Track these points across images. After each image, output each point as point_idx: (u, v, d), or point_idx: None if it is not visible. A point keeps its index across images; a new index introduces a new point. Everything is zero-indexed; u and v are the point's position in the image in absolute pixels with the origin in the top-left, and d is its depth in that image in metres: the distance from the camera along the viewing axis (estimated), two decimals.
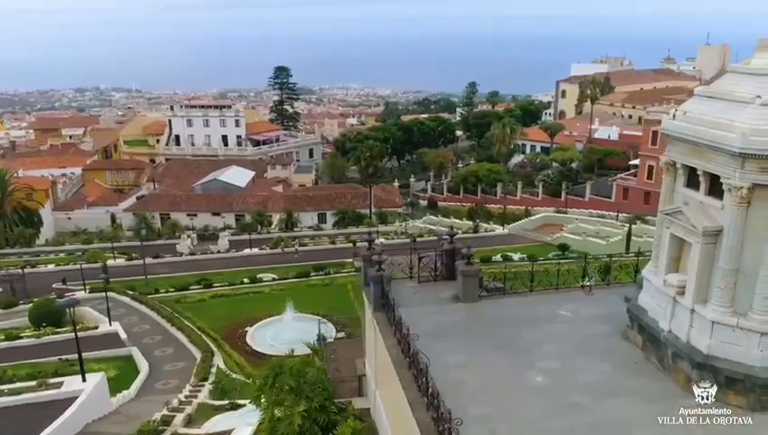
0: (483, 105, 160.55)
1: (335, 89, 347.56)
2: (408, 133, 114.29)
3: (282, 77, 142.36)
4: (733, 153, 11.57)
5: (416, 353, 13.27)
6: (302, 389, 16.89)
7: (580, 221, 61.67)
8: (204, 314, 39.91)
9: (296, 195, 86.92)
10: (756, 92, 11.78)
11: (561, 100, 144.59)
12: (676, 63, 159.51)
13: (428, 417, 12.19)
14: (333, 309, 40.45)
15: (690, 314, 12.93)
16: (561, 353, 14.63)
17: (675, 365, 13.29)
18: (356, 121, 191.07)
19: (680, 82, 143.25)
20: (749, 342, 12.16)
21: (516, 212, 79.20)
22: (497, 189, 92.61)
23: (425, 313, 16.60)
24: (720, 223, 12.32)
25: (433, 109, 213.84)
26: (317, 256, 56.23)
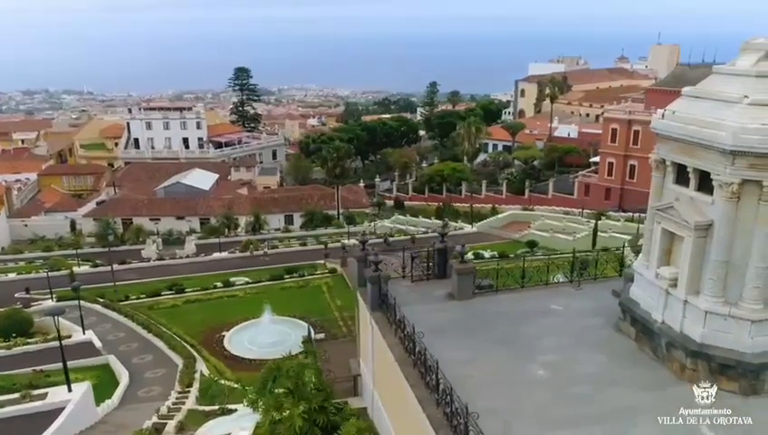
0: (443, 105, 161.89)
1: (294, 90, 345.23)
2: (372, 134, 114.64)
3: (242, 78, 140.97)
4: (723, 151, 12.18)
5: (422, 351, 13.53)
6: (300, 390, 16.95)
7: (546, 218, 62.90)
8: (178, 319, 39.34)
9: (262, 197, 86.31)
10: (743, 92, 12.43)
11: (520, 99, 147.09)
12: (630, 63, 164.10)
13: (440, 413, 12.46)
14: (310, 311, 40.44)
15: (683, 304, 13.52)
16: (559, 346, 15.10)
17: (669, 354, 13.88)
18: (317, 122, 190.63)
19: (634, 80, 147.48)
20: (740, 330, 12.81)
21: (482, 211, 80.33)
22: (462, 188, 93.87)
23: (421, 311, 16.81)
24: (710, 217, 12.93)
25: (393, 109, 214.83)
26: (287, 259, 56.00)
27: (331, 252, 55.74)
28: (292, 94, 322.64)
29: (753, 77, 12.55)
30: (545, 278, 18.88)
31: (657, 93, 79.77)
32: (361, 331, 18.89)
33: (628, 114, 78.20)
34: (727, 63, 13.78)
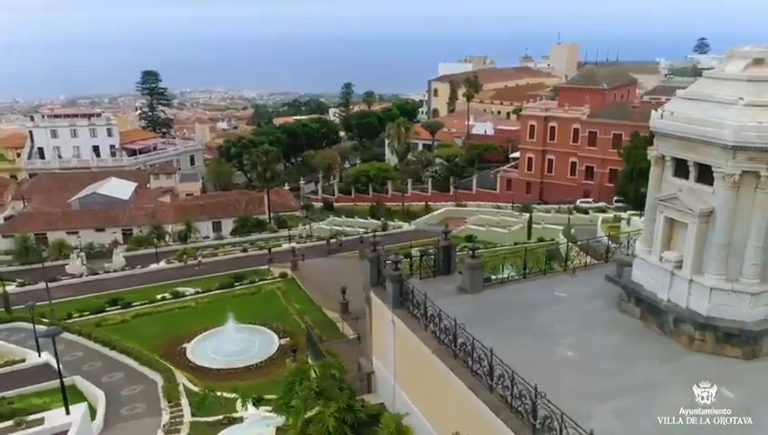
0: (358, 105, 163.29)
1: (197, 92, 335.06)
2: (293, 136, 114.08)
3: (150, 81, 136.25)
4: (725, 146, 13.93)
5: (468, 342, 14.44)
6: (328, 391, 17.41)
7: (481, 213, 65.43)
8: (131, 334, 37.95)
9: (187, 204, 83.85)
10: (738, 95, 14.23)
11: (433, 98, 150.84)
12: (534, 61, 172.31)
13: (495, 397, 13.44)
14: (269, 317, 40.20)
15: (688, 283, 15.24)
16: (574, 329, 16.48)
17: (677, 329, 15.58)
18: (227, 126, 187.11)
19: (539, 78, 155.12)
20: (741, 302, 14.66)
21: (412, 208, 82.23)
22: (388, 187, 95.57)
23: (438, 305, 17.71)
24: (712, 205, 14.70)
25: (304, 110, 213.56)
26: (229, 266, 55.09)
27: (275, 256, 55.46)
28: (196, 97, 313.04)
29: (744, 81, 14.39)
30: (543, 267, 20.23)
31: (569, 91, 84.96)
32: (376, 329, 19.49)
33: (545, 111, 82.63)
34: (715, 69, 15.65)
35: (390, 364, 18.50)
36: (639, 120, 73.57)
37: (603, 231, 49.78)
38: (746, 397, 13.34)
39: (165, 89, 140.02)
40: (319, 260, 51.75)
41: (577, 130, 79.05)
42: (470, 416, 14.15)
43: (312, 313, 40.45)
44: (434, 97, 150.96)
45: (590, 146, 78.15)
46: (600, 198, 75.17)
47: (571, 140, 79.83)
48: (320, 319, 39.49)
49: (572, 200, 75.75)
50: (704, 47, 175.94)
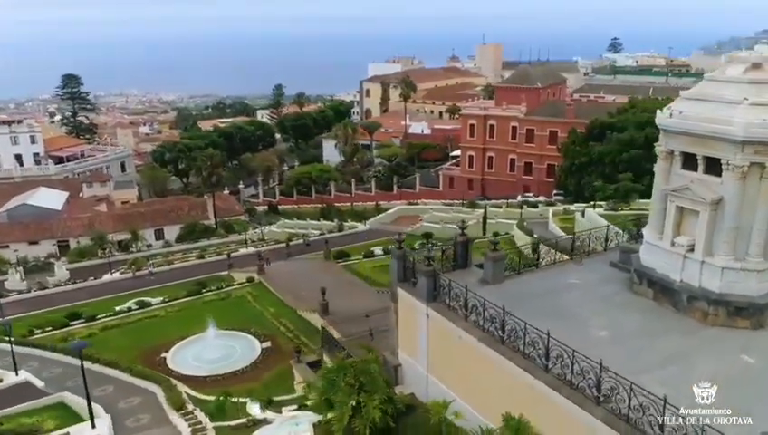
0: (289, 106, 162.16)
1: (112, 96, 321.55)
2: (229, 139, 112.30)
3: (72, 86, 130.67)
4: (735, 141, 15.73)
5: (518, 328, 15.59)
6: (371, 384, 18.11)
7: (434, 210, 67.07)
8: (103, 348, 36.69)
9: (126, 213, 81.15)
10: (742, 95, 16.08)
11: (366, 99, 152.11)
12: (461, 62, 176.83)
13: (552, 376, 14.65)
14: (245, 322, 40.06)
15: (700, 265, 17.03)
16: (597, 312, 17.96)
17: (690, 306, 17.34)
18: (149, 130, 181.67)
19: (467, 78, 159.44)
20: (749, 279, 16.57)
21: (358, 209, 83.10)
22: (331, 188, 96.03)
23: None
24: (720, 194, 16.51)
25: (229, 113, 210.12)
26: (185, 274, 54.07)
27: (234, 262, 54.94)
28: (112, 101, 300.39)
29: (746, 84, 16.27)
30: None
31: (506, 90, 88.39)
32: (404, 323, 20.27)
33: (484, 110, 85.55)
34: (716, 72, 17.52)
35: (422, 356, 19.39)
36: (574, 117, 77.86)
37: (555, 223, 52.40)
38: (764, 361, 15.20)
39: (87, 93, 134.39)
40: (281, 263, 51.77)
41: (515, 128, 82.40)
42: (523, 396, 15.30)
43: (287, 315, 40.65)
44: (366, 97, 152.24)
45: (528, 143, 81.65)
46: (539, 193, 78.70)
47: (509, 137, 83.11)
48: (297, 321, 39.80)
49: (514, 195, 78.96)
50: (617, 46, 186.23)
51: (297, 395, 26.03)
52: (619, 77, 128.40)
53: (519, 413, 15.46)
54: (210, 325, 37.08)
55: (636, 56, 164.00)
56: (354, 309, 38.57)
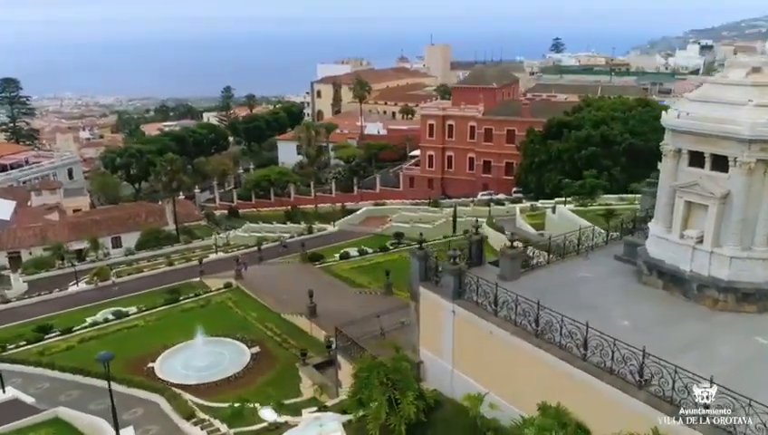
0: (239, 109, 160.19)
1: (46, 100, 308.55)
2: (182, 143, 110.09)
3: (10, 90, 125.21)
4: (743, 139, 17.01)
5: (556, 320, 16.41)
6: (404, 381, 18.61)
7: (402, 210, 67.80)
8: (84, 360, 35.65)
9: (81, 221, 78.55)
10: (746, 98, 17.40)
11: (317, 100, 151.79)
12: (410, 62, 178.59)
13: (590, 364, 15.52)
14: (229, 328, 39.71)
15: (710, 255, 18.29)
16: (614, 303, 18.99)
17: (700, 294, 18.59)
18: (90, 135, 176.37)
19: (417, 78, 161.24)
20: (755, 267, 17.92)
21: (322, 210, 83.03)
22: (290, 191, 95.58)
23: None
24: (727, 189, 17.79)
25: (173, 116, 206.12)
26: (153, 282, 52.95)
27: (205, 268, 54.16)
28: (45, 105, 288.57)
29: (749, 86, 17.60)
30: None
31: (462, 91, 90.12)
32: (426, 321, 20.78)
33: (442, 111, 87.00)
34: (718, 76, 18.84)
35: (446, 352, 19.98)
36: (530, 116, 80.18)
37: (524, 220, 54.00)
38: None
39: (27, 97, 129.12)
40: (257, 267, 51.37)
41: (473, 128, 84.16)
42: (560, 385, 16.13)
43: (272, 319, 40.51)
44: (317, 99, 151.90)
45: (486, 142, 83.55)
46: (498, 191, 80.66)
47: (468, 136, 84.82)
48: (283, 325, 39.74)
49: (473, 194, 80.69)
50: (559, 47, 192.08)
51: (307, 398, 26.21)
52: (565, 76, 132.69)
53: (556, 402, 16.32)
54: (199, 333, 36.62)
55: (578, 56, 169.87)
56: (341, 310, 38.91)
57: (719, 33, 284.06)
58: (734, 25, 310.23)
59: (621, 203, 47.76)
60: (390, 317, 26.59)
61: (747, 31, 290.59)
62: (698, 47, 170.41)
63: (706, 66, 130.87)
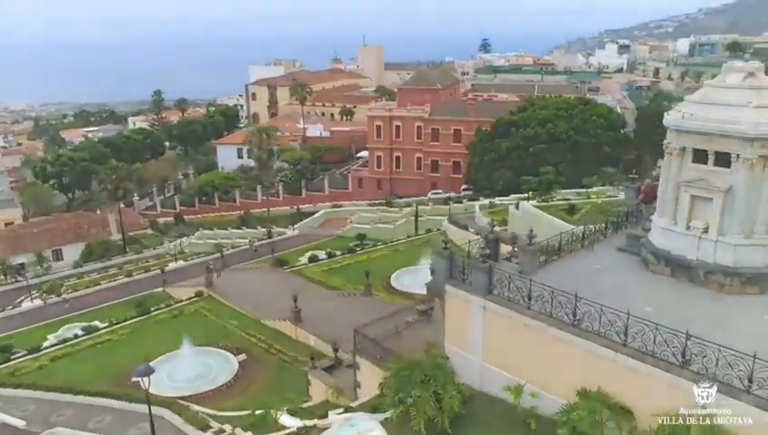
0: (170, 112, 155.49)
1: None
2: (117, 150, 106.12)
3: None
4: (745, 138, 18.75)
5: (588, 310, 17.56)
6: (444, 379, 19.32)
7: (361, 212, 68.25)
8: (60, 378, 34.56)
9: (17, 234, 74.74)
10: (746, 99, 19.17)
11: (252, 102, 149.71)
12: (343, 63, 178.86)
13: (630, 350, 16.76)
14: (209, 337, 39.08)
15: (715, 244, 20.00)
16: (631, 290, 20.35)
17: (707, 279, 20.27)
18: (4, 142, 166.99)
19: (352, 79, 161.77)
20: (757, 253, 19.75)
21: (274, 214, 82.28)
22: (235, 196, 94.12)
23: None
24: (730, 183, 19.53)
25: (94, 121, 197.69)
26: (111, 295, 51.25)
27: (167, 277, 52.85)
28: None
29: (747, 89, 19.40)
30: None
31: (407, 92, 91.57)
32: (453, 319, 21.48)
33: (389, 112, 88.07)
34: (716, 80, 20.59)
35: (476, 346, 20.79)
36: (476, 116, 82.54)
37: (484, 217, 55.69)
38: None
39: None
40: (223, 274, 50.54)
41: (420, 128, 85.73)
42: (599, 371, 17.31)
43: (253, 326, 40.23)
44: (252, 101, 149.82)
45: (433, 142, 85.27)
46: (448, 189, 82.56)
47: (415, 137, 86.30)
48: (265, 331, 39.54)
49: (423, 193, 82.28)
50: (487, 47, 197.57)
51: (318, 401, 26.38)
52: (498, 76, 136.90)
53: (596, 387, 17.49)
54: (180, 343, 35.94)
55: (507, 56, 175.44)
56: (324, 314, 39.24)
57: (631, 32, 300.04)
58: (643, 26, 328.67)
59: (579, 198, 50.22)
60: (394, 318, 27.16)
61: (655, 31, 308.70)
62: (616, 47, 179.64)
63: (630, 65, 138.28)
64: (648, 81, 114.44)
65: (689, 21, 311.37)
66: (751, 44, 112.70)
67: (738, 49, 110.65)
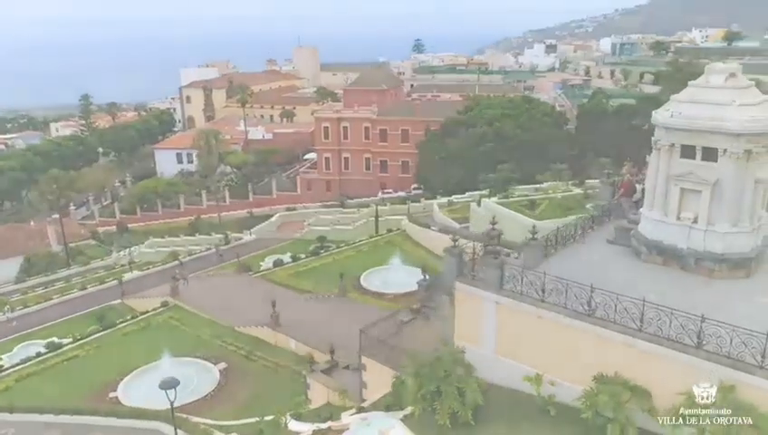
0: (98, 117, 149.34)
1: None
2: (47, 159, 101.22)
3: None
4: (732, 134, 20.30)
5: (603, 300, 18.58)
6: (464, 371, 19.92)
7: (318, 214, 67.98)
8: (31, 399, 33.05)
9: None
10: (730, 99, 20.72)
11: (187, 105, 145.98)
12: (278, 64, 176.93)
13: (648, 335, 17.88)
14: (183, 348, 38.20)
15: (704, 233, 21.50)
16: (631, 280, 21.40)
17: (697, 266, 21.74)
18: None
19: (289, 81, 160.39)
20: (742, 239, 21.38)
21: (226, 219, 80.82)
22: (180, 202, 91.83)
23: None
24: (717, 176, 21.07)
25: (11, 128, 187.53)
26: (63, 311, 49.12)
27: (125, 288, 51.12)
28: None
29: (730, 89, 20.97)
30: None
31: (353, 92, 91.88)
32: (463, 315, 22.05)
33: (336, 113, 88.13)
34: (699, 80, 22.09)
35: (489, 341, 21.44)
36: (423, 116, 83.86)
37: (445, 215, 56.90)
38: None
39: None
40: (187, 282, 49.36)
41: (368, 129, 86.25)
42: (616, 357, 18.36)
43: (229, 334, 39.64)
44: (187, 104, 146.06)
45: (381, 142, 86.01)
46: (397, 189, 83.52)
47: (363, 137, 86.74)
48: (242, 338, 39.04)
49: (373, 194, 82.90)
50: (420, 47, 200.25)
51: (320, 404, 26.44)
52: (436, 76, 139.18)
53: (613, 372, 18.54)
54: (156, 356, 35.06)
55: (441, 56, 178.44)
56: (301, 318, 39.19)
57: (553, 32, 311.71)
58: (564, 26, 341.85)
59: (536, 194, 52.09)
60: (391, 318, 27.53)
61: (576, 30, 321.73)
62: (544, 46, 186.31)
63: (562, 64, 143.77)
64: (581, 79, 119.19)
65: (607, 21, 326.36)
66: (671, 44, 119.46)
67: (661, 48, 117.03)
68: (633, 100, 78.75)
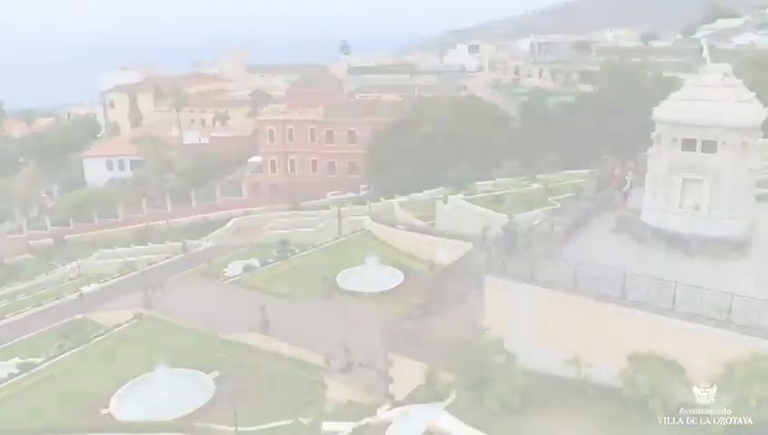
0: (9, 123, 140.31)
1: None
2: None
3: None
4: (730, 127, 22.41)
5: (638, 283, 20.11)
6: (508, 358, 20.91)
7: (278, 217, 67.21)
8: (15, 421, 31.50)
9: None
10: (725, 96, 22.85)
11: (110, 111, 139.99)
12: (204, 67, 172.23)
13: (679, 314, 19.53)
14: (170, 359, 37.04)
15: (705, 219, 23.57)
16: (644, 263, 23.12)
17: (699, 249, 23.79)
18: None
19: (219, 83, 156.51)
20: (738, 224, 23.59)
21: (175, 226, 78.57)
22: (118, 211, 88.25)
23: None
24: (716, 166, 23.15)
25: None
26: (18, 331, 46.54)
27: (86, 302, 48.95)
28: None
29: (724, 87, 23.10)
30: None
31: (297, 94, 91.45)
32: (494, 307, 23.01)
33: (281, 115, 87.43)
34: (695, 79, 24.14)
35: (523, 329, 22.41)
36: (369, 116, 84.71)
37: (405, 213, 57.86)
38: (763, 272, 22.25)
39: None
40: None
41: (314, 130, 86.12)
42: (649, 335, 19.93)
43: (215, 342, 38.74)
44: (111, 109, 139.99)
45: (328, 143, 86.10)
46: (346, 190, 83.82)
47: (309, 139, 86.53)
48: (229, 346, 38.34)
49: (323, 195, 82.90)
50: (347, 48, 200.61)
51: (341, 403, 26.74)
52: (368, 77, 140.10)
53: (647, 350, 20.09)
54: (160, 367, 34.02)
55: (367, 57, 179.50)
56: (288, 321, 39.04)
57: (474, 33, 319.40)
58: (484, 26, 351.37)
59: (498, 189, 54.03)
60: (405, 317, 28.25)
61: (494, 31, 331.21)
62: (467, 47, 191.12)
63: (490, 64, 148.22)
64: (511, 78, 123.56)
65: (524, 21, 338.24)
66: (593, 44, 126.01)
67: (585, 48, 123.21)
68: (572, 98, 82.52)
